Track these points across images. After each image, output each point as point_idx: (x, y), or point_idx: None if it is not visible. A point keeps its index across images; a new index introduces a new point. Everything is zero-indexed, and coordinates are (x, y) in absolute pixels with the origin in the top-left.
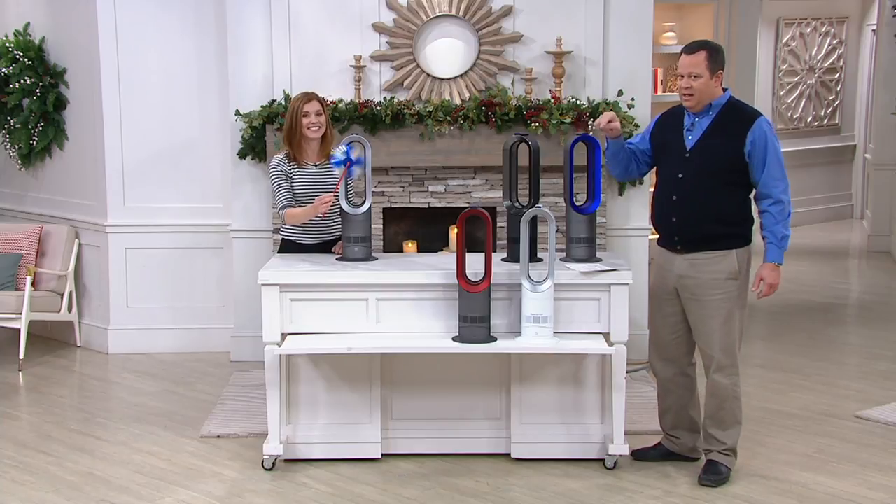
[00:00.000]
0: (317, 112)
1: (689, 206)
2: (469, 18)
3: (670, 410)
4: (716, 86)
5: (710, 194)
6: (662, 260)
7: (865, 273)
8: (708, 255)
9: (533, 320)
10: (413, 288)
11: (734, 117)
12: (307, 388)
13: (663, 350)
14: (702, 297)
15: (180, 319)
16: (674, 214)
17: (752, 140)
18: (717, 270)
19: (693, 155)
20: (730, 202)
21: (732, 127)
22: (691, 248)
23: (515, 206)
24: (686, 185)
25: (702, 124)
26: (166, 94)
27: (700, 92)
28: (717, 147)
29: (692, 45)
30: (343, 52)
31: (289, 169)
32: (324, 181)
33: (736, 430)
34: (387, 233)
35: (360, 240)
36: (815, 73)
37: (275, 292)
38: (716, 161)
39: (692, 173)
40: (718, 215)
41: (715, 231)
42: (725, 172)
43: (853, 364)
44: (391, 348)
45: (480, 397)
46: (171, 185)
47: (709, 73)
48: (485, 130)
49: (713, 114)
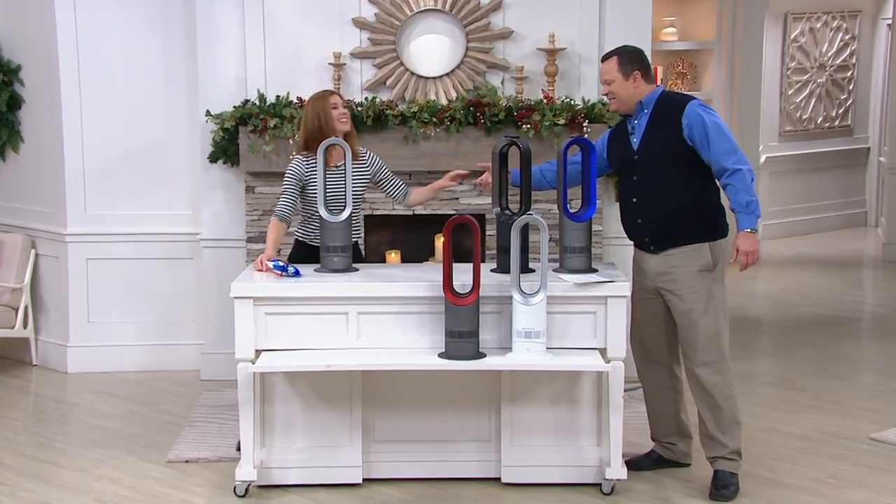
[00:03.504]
0: (342, 104)
1: (649, 206)
2: (456, 13)
3: (663, 416)
4: (635, 87)
5: (667, 188)
6: (639, 261)
7: (880, 285)
8: (680, 250)
9: (524, 335)
10: (396, 301)
11: (667, 108)
12: (283, 408)
13: (651, 352)
14: (679, 293)
15: (146, 335)
16: (638, 216)
17: (688, 123)
18: (691, 264)
19: (641, 154)
20: (689, 192)
21: (667, 117)
22: (663, 246)
23: (505, 213)
24: (641, 186)
25: (641, 124)
26: (131, 94)
27: (619, 95)
28: (659, 140)
29: (606, 53)
30: (321, 48)
31: (307, 173)
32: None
33: (737, 430)
34: (368, 242)
35: (340, 249)
36: (825, 70)
37: (248, 306)
38: (661, 154)
39: (643, 173)
40: (680, 208)
41: (681, 223)
42: (675, 163)
43: (867, 382)
44: (373, 365)
45: (468, 418)
46: (136, 191)
47: (622, 75)
48: (473, 133)
49: (648, 111)
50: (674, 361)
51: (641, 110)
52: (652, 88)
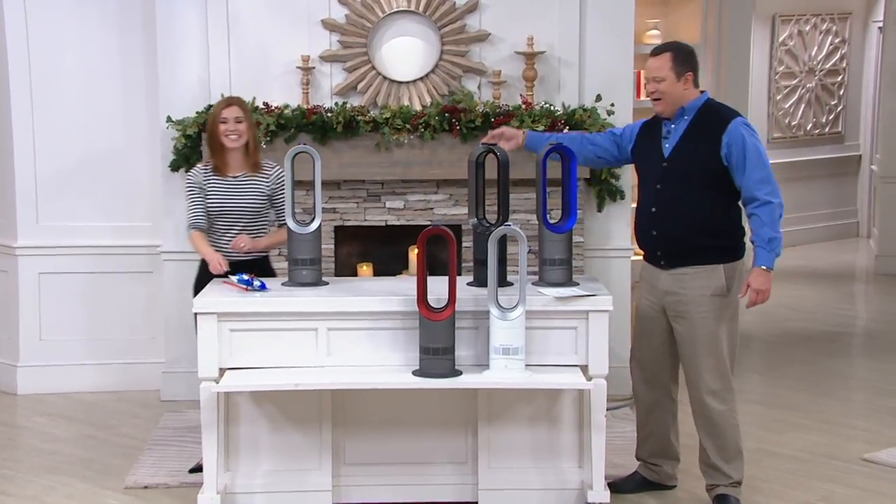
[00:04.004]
0: (236, 118)
1: (669, 218)
2: (430, 15)
3: (652, 436)
4: (685, 89)
5: (690, 204)
6: (648, 276)
7: (873, 298)
8: (693, 269)
9: (502, 352)
10: (368, 316)
11: (709, 120)
12: (248, 429)
13: (650, 371)
14: (687, 315)
15: (102, 354)
16: (654, 227)
17: (728, 143)
18: (703, 286)
19: (670, 163)
20: (713, 211)
21: (707, 130)
22: (675, 263)
23: (482, 224)
24: (665, 196)
25: (677, 130)
26: (86, 98)
27: (667, 95)
28: (693, 152)
29: (658, 47)
30: (289, 51)
31: (204, 181)
32: (240, 196)
33: (740, 461)
34: (339, 254)
35: (309, 262)
36: (815, 75)
37: (212, 322)
38: (693, 167)
39: (670, 182)
40: (701, 226)
41: (698, 243)
42: (705, 179)
43: (860, 400)
44: (343, 384)
45: (444, 439)
46: (92, 201)
47: (674, 75)
48: (448, 140)
49: (688, 118)
50: (672, 383)
51: (681, 116)
52: (697, 94)
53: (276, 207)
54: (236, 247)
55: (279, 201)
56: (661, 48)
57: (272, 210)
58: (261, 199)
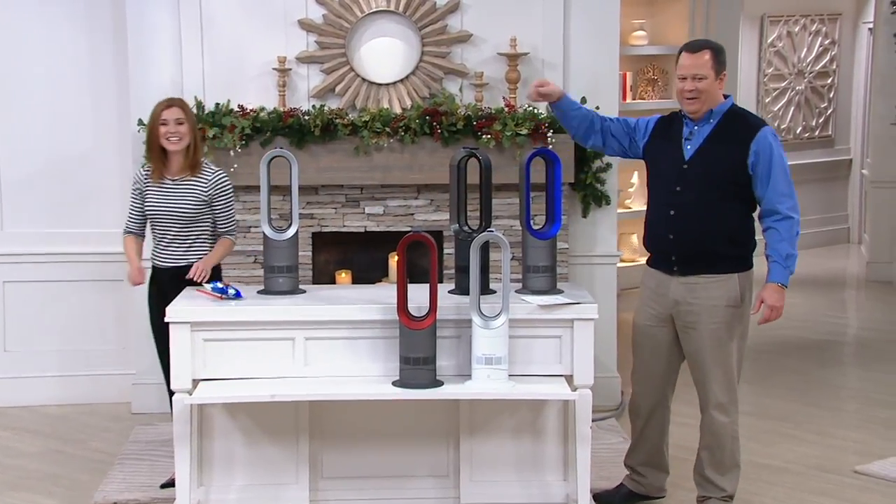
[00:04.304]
0: (177, 120)
1: (687, 222)
2: (410, 15)
3: (644, 445)
4: (719, 89)
5: (710, 209)
6: (655, 284)
7: (864, 306)
8: (707, 278)
9: (485, 361)
10: (346, 325)
11: (737, 126)
12: (223, 442)
13: (650, 382)
14: (698, 326)
15: (70, 365)
16: (671, 231)
17: (756, 151)
18: (717, 296)
19: (691, 166)
20: (731, 219)
21: (735, 136)
22: (689, 271)
23: (464, 230)
24: (684, 199)
25: (701, 133)
26: (53, 100)
27: (706, 95)
28: (717, 157)
29: (694, 43)
30: (265, 52)
31: (144, 184)
32: (176, 200)
33: (735, 474)
34: (316, 261)
35: (286, 269)
36: (804, 77)
37: (185, 331)
38: (716, 172)
39: (691, 186)
40: (719, 233)
41: (715, 251)
42: (726, 185)
43: (851, 411)
44: (321, 395)
45: (425, 451)
46: (60, 207)
47: (714, 73)
48: (429, 143)
49: (714, 121)
50: (669, 391)
51: (708, 118)
52: (722, 97)
53: (216, 215)
54: (194, 275)
55: (219, 209)
56: (697, 45)
57: (213, 217)
58: (197, 204)
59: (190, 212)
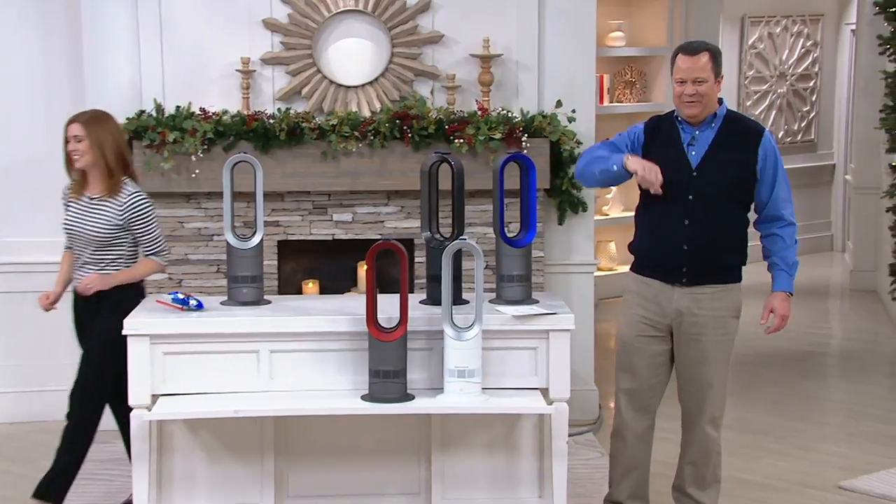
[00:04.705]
0: (75, 137)
1: (703, 232)
2: (379, 15)
3: (631, 476)
4: (717, 92)
5: (721, 217)
6: (652, 294)
7: (848, 315)
8: (713, 288)
9: (457, 374)
10: (313, 337)
11: (739, 130)
12: (183, 461)
13: (643, 399)
14: (702, 338)
15: (19, 381)
16: (685, 242)
17: (764, 156)
18: (722, 307)
19: (701, 173)
20: (738, 226)
21: (740, 140)
22: (698, 281)
23: (436, 238)
24: (696, 208)
25: (705, 138)
26: (3, 103)
27: (707, 98)
28: (726, 163)
29: (691, 45)
30: (228, 53)
31: (66, 200)
32: (88, 221)
33: (716, 490)
34: (282, 271)
35: (250, 279)
36: (786, 80)
37: (144, 344)
38: (726, 179)
39: (703, 194)
40: (730, 241)
41: (725, 260)
42: (735, 192)
43: (835, 424)
44: (287, 410)
45: (395, 468)
46: (9, 215)
47: (713, 76)
48: (399, 148)
49: (716, 126)
50: (656, 412)
51: (710, 123)
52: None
53: (137, 239)
54: (82, 289)
55: (138, 232)
56: (695, 47)
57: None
58: (108, 227)
59: (103, 235)
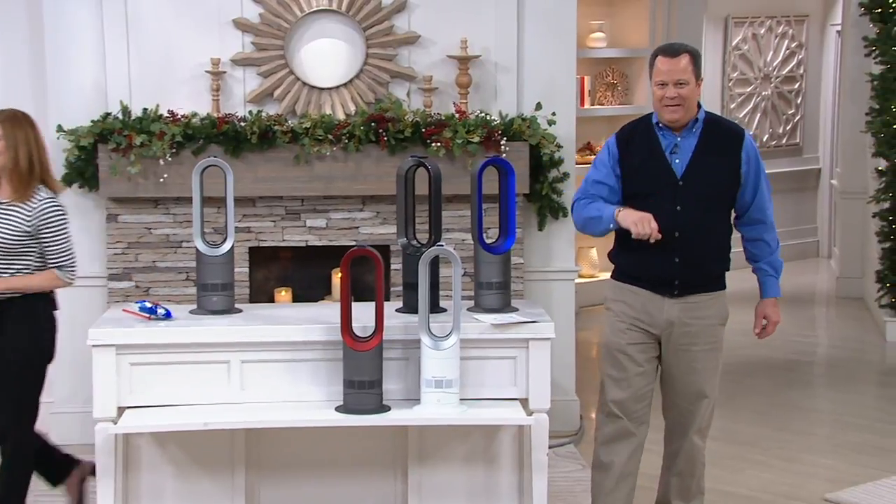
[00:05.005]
0: None
1: (693, 243)
2: (354, 15)
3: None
4: (698, 96)
5: (710, 226)
6: (641, 304)
7: (834, 323)
8: (703, 297)
9: (435, 384)
10: (286, 346)
11: (720, 133)
12: (151, 476)
13: (634, 413)
14: (693, 348)
15: None
16: (677, 254)
17: (747, 158)
18: (711, 315)
19: (686, 182)
20: (725, 234)
21: (722, 145)
22: (689, 290)
23: (412, 244)
24: (686, 219)
25: (687, 144)
26: None
27: (688, 102)
28: (711, 169)
29: (671, 47)
30: (197, 54)
31: None
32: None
33: (700, 502)
34: (254, 278)
35: (220, 287)
36: (770, 82)
37: (110, 355)
38: (711, 185)
39: (691, 203)
40: (718, 249)
41: (713, 269)
42: (722, 198)
43: (821, 435)
44: (258, 422)
45: (371, 482)
46: None
47: (694, 78)
48: (375, 152)
49: (697, 131)
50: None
51: (691, 128)
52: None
53: (42, 248)
54: None
55: (46, 241)
56: (674, 49)
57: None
58: (17, 234)
59: (10, 242)
